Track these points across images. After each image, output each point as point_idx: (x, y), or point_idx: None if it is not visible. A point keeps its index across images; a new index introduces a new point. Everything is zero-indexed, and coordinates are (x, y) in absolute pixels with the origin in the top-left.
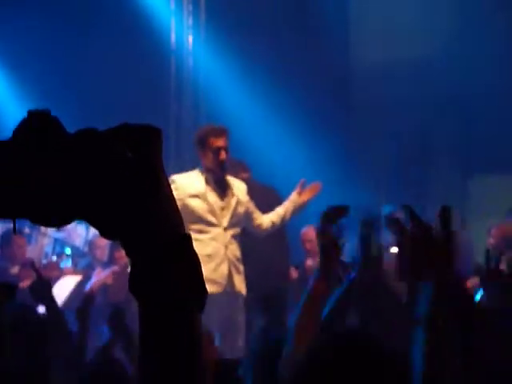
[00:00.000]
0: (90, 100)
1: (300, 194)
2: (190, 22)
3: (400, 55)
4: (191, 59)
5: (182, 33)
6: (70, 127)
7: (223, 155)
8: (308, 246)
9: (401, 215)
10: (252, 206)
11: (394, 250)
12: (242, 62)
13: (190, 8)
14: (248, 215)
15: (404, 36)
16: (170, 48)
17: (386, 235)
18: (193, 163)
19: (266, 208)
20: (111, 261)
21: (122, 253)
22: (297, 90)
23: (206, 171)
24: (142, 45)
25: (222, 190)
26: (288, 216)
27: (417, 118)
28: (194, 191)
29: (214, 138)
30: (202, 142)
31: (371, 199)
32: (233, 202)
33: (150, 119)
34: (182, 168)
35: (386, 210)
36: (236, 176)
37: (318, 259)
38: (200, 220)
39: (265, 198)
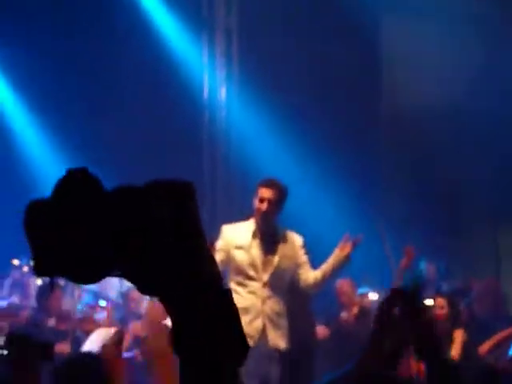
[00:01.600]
0: (125, 153)
1: (342, 249)
2: (223, 75)
3: (429, 103)
4: (224, 112)
5: (216, 86)
6: (106, 183)
7: (264, 206)
8: (343, 298)
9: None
10: (302, 261)
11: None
12: (274, 114)
13: (223, 61)
14: (296, 270)
15: (433, 83)
16: (203, 101)
17: None
18: (226, 215)
19: None
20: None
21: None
22: (328, 142)
23: (255, 222)
24: (177, 98)
25: (269, 244)
26: (330, 272)
27: (447, 168)
28: (239, 243)
29: (261, 187)
30: (255, 192)
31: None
32: (277, 257)
33: (184, 171)
34: (216, 220)
35: (421, 265)
36: None
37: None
38: (241, 272)
39: None
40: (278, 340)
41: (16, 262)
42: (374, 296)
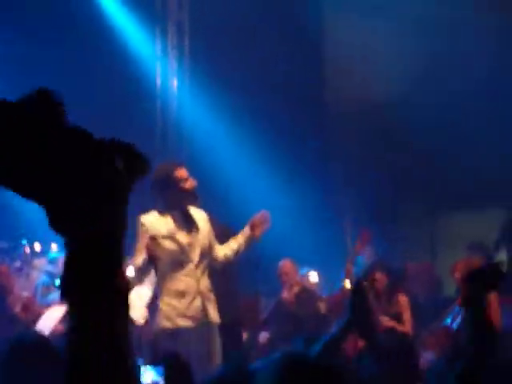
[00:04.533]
0: None
1: (252, 228)
2: (175, 66)
3: (374, 94)
4: (175, 102)
5: (167, 77)
6: None
7: (194, 182)
8: (284, 278)
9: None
10: (212, 237)
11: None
12: (225, 104)
13: (175, 53)
14: (210, 245)
15: (378, 74)
16: (155, 91)
17: None
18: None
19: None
20: None
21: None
22: (277, 133)
23: (171, 209)
24: (129, 88)
25: (188, 225)
26: (241, 250)
27: (389, 154)
28: (164, 232)
29: (179, 170)
30: (167, 181)
31: (342, 236)
32: (199, 236)
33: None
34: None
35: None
36: None
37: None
38: (173, 259)
39: (221, 235)
40: (215, 314)
41: None
42: (314, 277)
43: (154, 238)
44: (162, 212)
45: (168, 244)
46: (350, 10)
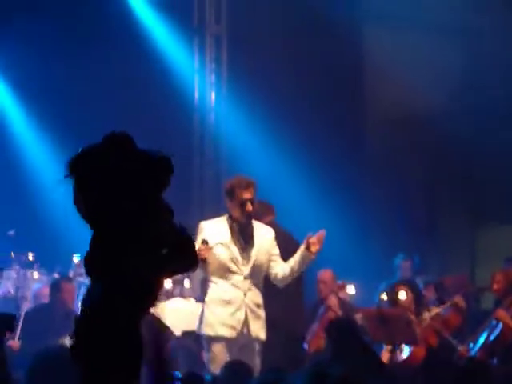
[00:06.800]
0: None
1: (308, 246)
2: (213, 79)
3: (413, 107)
4: (213, 115)
5: (205, 90)
6: None
7: (249, 207)
8: (322, 286)
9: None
10: (274, 254)
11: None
12: (262, 116)
13: (213, 66)
14: (268, 263)
15: (416, 89)
16: (193, 104)
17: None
18: (214, 213)
19: (282, 253)
20: None
21: None
22: (315, 145)
23: (232, 220)
24: (168, 101)
25: (246, 239)
26: (297, 269)
27: (428, 166)
28: (219, 239)
29: (241, 190)
30: (230, 193)
31: (382, 247)
32: (255, 251)
33: (174, 173)
34: (204, 218)
35: (398, 259)
36: (263, 216)
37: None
38: (222, 267)
39: (283, 243)
40: (259, 331)
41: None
42: (351, 289)
43: (205, 242)
44: (224, 220)
45: (220, 251)
46: (389, 18)
